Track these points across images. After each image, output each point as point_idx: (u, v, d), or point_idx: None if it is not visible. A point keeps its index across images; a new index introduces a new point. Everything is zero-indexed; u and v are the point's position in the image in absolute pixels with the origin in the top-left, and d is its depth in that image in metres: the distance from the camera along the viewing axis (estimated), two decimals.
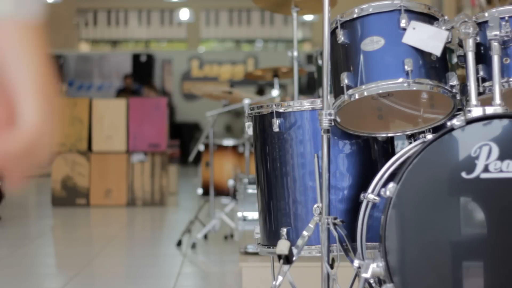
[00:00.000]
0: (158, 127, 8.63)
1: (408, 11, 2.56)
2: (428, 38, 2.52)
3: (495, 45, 2.49)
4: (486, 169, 2.37)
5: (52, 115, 0.80)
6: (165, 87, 17.94)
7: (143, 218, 7.93)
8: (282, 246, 2.59)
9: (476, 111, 2.43)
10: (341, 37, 2.61)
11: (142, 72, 17.39)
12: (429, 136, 2.66)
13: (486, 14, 2.57)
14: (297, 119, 2.77)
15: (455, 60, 2.78)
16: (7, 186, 0.83)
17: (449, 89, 2.58)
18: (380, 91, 2.57)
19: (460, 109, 2.62)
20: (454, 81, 2.59)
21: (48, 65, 0.81)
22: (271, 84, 5.65)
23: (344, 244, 2.64)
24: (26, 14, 0.79)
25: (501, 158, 2.37)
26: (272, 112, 2.81)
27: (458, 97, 2.60)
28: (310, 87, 11.56)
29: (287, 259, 2.59)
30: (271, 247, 2.80)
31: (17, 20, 0.78)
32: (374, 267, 2.37)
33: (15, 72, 0.77)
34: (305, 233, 2.70)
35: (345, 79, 2.58)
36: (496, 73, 2.49)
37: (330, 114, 2.58)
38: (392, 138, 2.86)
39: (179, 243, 5.73)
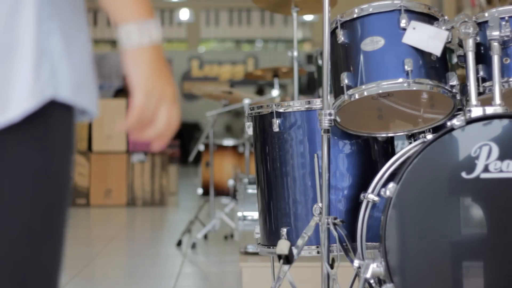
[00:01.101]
0: None
1: (408, 11, 2.56)
2: (428, 38, 2.52)
3: (495, 45, 2.49)
4: (486, 169, 2.37)
5: (155, 99, 1.27)
6: None
7: (143, 218, 7.93)
8: (282, 246, 2.59)
9: (476, 111, 2.43)
10: (341, 37, 2.61)
11: None
12: (429, 136, 2.66)
13: (486, 14, 2.57)
14: (297, 119, 2.77)
15: (455, 60, 2.78)
16: (154, 149, 1.34)
17: (449, 89, 2.58)
18: (380, 91, 2.57)
19: (460, 109, 2.62)
20: (454, 81, 2.58)
21: (161, 68, 1.28)
22: (271, 84, 5.65)
23: (344, 244, 2.64)
24: (146, 40, 1.26)
25: (501, 158, 2.37)
26: (272, 112, 2.81)
27: (458, 97, 2.60)
28: (310, 87, 11.56)
29: (287, 259, 2.59)
30: (271, 247, 2.80)
31: (141, 45, 1.26)
32: (374, 267, 2.37)
33: (135, 78, 1.27)
34: (305, 233, 2.70)
35: (345, 79, 2.58)
36: (496, 73, 2.49)
37: (330, 114, 2.58)
38: (392, 138, 2.86)
39: (179, 243, 5.73)
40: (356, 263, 2.52)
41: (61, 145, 1.25)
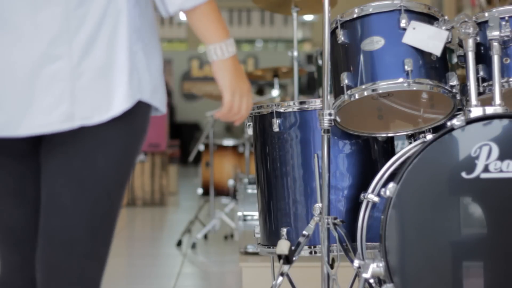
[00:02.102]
0: (158, 127, 8.64)
1: (408, 11, 2.56)
2: (428, 38, 2.52)
3: (495, 45, 2.49)
4: (486, 169, 2.37)
5: (238, 96, 1.77)
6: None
7: (143, 218, 7.93)
8: (282, 246, 2.59)
9: (476, 111, 2.43)
10: (341, 37, 2.61)
11: None
12: (429, 136, 2.66)
13: (486, 14, 2.57)
14: (297, 119, 2.77)
15: (455, 60, 2.78)
16: (237, 122, 1.83)
17: (449, 89, 2.58)
18: (380, 91, 2.57)
19: (460, 109, 2.62)
20: (454, 81, 2.58)
21: (238, 72, 1.78)
22: (271, 84, 5.65)
23: (344, 244, 2.64)
24: (227, 54, 1.76)
25: (501, 158, 2.37)
26: (272, 112, 2.81)
27: (458, 97, 2.60)
28: (310, 87, 11.56)
29: (287, 259, 2.59)
30: (271, 247, 2.80)
31: (224, 57, 1.75)
32: (374, 267, 2.37)
33: (222, 82, 1.76)
34: (305, 233, 2.70)
35: (345, 79, 2.58)
36: (496, 73, 2.49)
37: (330, 114, 2.58)
38: (392, 138, 2.86)
39: (179, 243, 5.73)
40: (356, 263, 2.52)
41: (140, 130, 1.74)
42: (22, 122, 1.62)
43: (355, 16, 2.60)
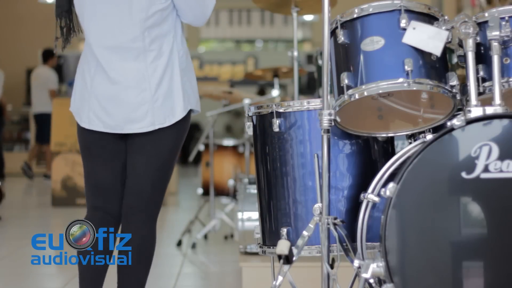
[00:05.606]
0: None
1: (408, 11, 2.56)
2: (428, 38, 2.52)
3: (495, 45, 2.49)
4: (486, 169, 2.37)
5: None
6: None
7: None
8: (282, 246, 2.59)
9: (476, 111, 2.43)
10: (341, 37, 2.61)
11: None
12: (429, 136, 2.66)
13: (486, 14, 2.57)
14: (297, 119, 2.78)
15: (455, 60, 2.78)
16: None
17: (449, 89, 2.58)
18: (380, 91, 2.57)
19: (460, 109, 2.62)
20: (454, 81, 2.59)
21: None
22: (271, 84, 5.65)
23: (344, 244, 2.64)
24: None
25: (501, 158, 2.37)
26: (272, 112, 2.81)
27: (458, 97, 2.60)
28: (310, 87, 11.57)
29: (287, 259, 2.59)
30: (271, 247, 2.80)
31: None
32: (374, 267, 2.38)
33: None
34: (305, 233, 2.70)
35: (345, 79, 2.58)
36: (496, 73, 2.49)
37: (330, 114, 2.58)
38: (392, 138, 2.86)
39: (179, 243, 5.73)
40: (356, 263, 2.52)
41: (187, 126, 2.87)
42: (125, 126, 2.78)
43: (355, 16, 2.60)
